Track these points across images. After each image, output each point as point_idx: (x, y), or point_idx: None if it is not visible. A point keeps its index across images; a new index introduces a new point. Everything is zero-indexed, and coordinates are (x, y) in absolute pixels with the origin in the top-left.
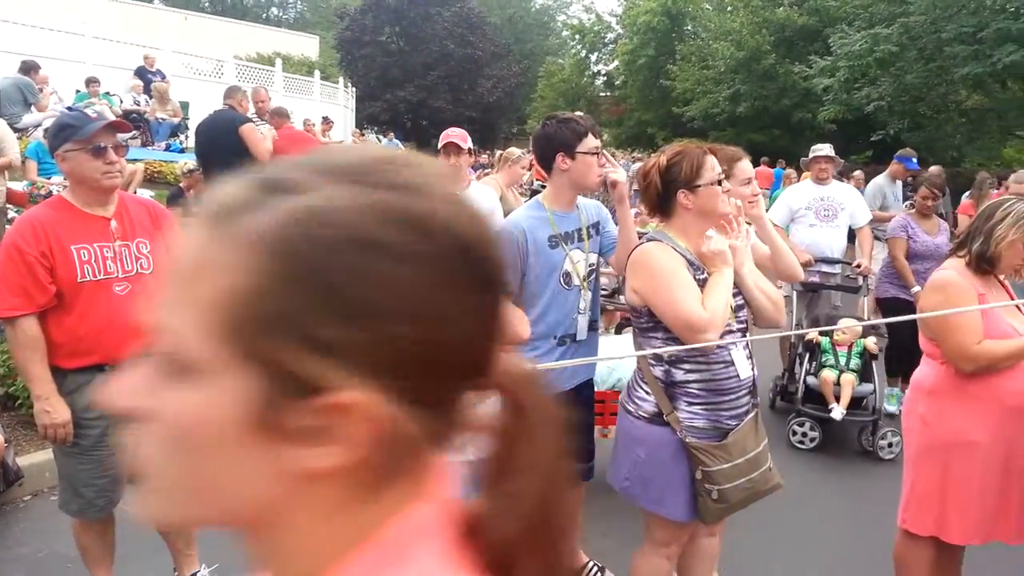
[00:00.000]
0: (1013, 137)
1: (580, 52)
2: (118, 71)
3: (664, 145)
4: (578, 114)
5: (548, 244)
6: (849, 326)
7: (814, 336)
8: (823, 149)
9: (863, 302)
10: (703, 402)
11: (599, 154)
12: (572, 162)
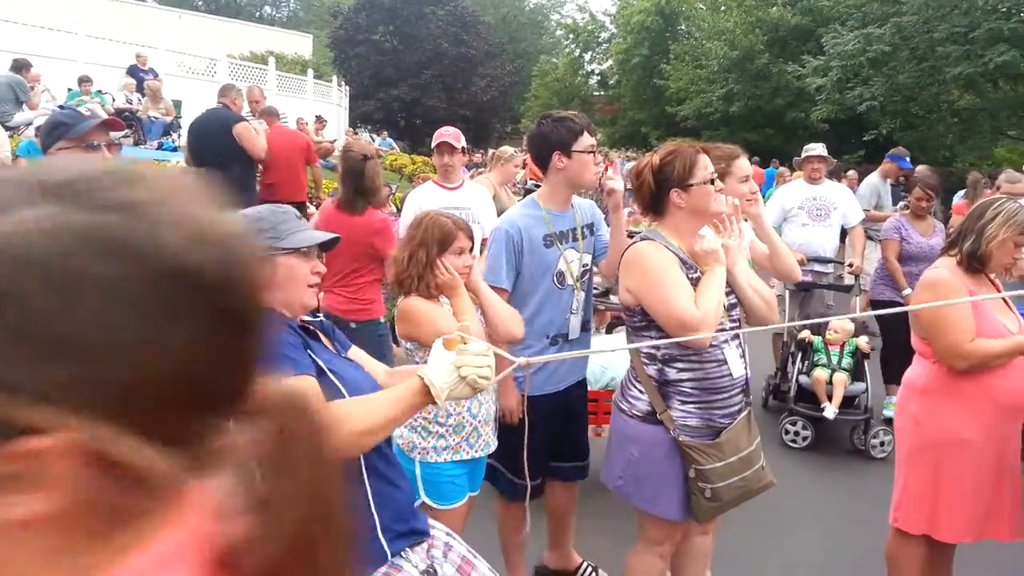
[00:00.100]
0: (1004, 137)
1: (574, 51)
2: (111, 69)
3: (658, 144)
4: (573, 112)
5: (543, 243)
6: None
7: (807, 335)
8: (816, 149)
9: (855, 301)
10: (696, 401)
11: (595, 152)
12: (568, 160)
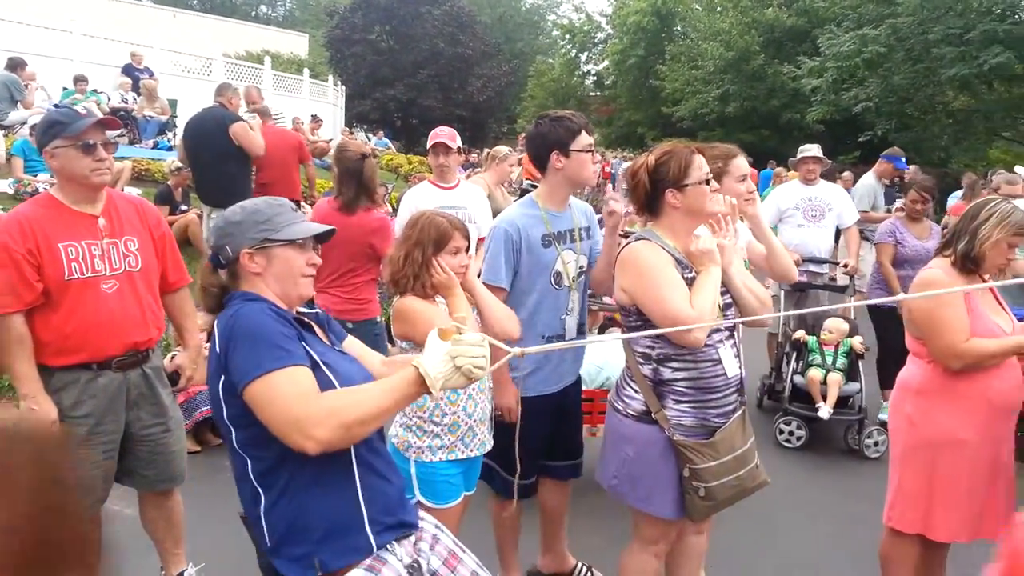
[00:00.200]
0: (999, 138)
1: (570, 52)
2: (106, 68)
3: (653, 145)
4: (571, 112)
5: (541, 243)
6: (835, 323)
7: (801, 336)
8: (811, 150)
9: (850, 301)
10: (691, 400)
11: (593, 151)
12: (567, 160)
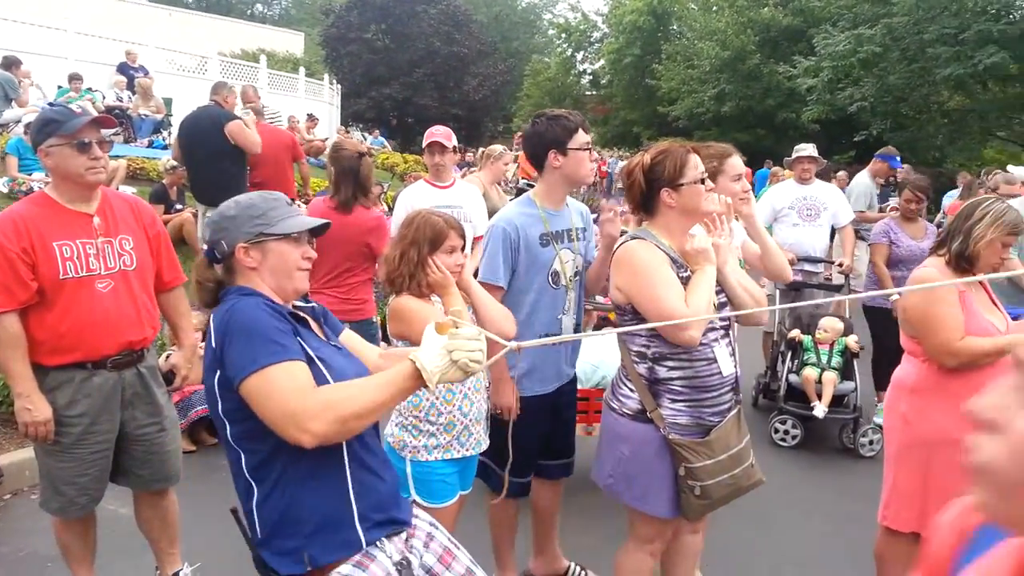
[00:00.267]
0: (994, 138)
1: (566, 51)
2: (101, 67)
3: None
4: (568, 110)
5: (539, 242)
6: (830, 323)
7: (796, 335)
8: (806, 149)
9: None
10: (686, 399)
11: (590, 149)
12: (564, 159)
